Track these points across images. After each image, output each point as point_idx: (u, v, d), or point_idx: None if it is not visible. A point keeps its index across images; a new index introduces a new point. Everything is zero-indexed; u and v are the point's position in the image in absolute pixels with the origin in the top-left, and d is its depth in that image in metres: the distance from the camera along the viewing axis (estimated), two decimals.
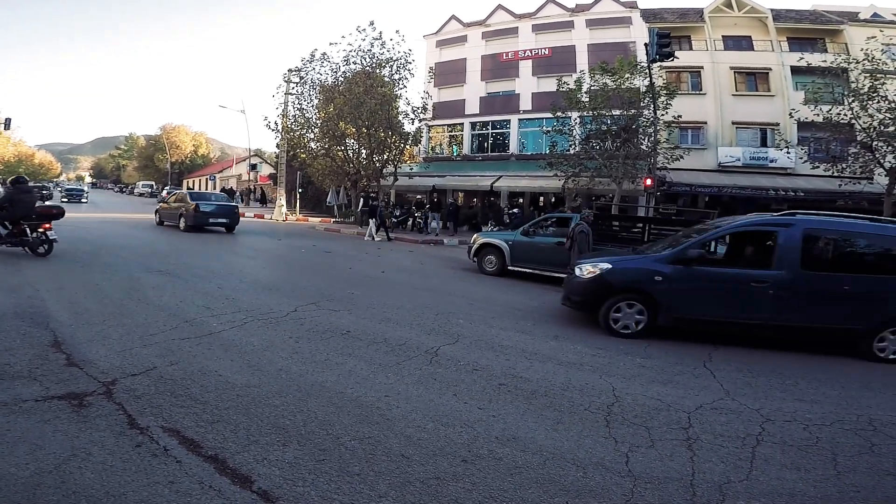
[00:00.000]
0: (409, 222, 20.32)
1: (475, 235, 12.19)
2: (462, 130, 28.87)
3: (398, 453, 2.92)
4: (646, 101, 17.99)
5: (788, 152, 18.41)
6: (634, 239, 10.07)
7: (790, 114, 18.73)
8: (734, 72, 22.71)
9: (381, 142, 22.63)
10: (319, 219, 24.90)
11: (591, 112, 18.82)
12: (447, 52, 29.80)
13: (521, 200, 26.00)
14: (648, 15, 24.63)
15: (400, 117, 23.26)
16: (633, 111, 18.33)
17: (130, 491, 2.36)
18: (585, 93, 19.00)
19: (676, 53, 16.35)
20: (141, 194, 53.33)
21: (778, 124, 21.38)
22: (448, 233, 20.15)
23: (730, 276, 6.34)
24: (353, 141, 23.45)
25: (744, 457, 3.22)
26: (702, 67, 22.95)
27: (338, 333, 5.34)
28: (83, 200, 33.54)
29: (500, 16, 28.77)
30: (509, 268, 10.78)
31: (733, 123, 22.35)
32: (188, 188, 54.50)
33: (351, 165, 23.40)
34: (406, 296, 7.87)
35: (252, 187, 40.15)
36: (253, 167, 40.70)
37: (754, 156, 21.67)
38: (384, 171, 23.41)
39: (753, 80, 22.87)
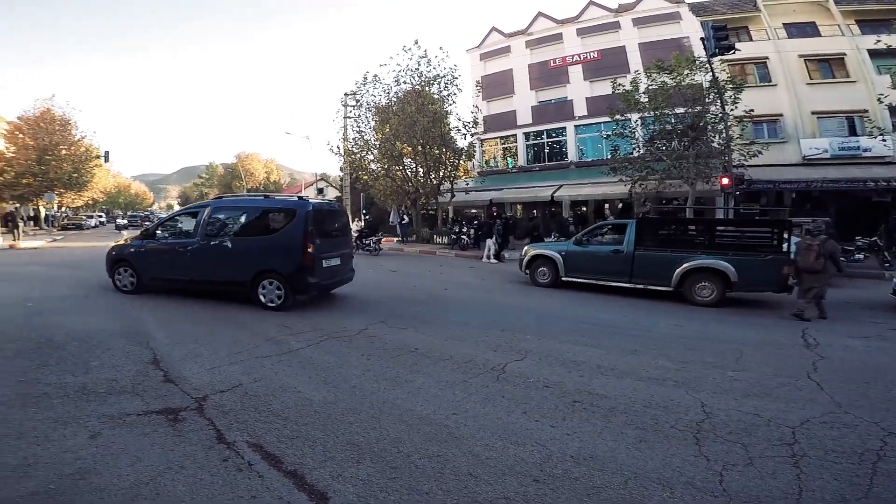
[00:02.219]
0: (464, 240, 20.23)
1: (526, 247, 11.89)
2: (516, 142, 28.62)
3: (466, 472, 2.90)
4: (711, 97, 17.00)
5: (884, 140, 16.58)
6: (699, 243, 9.48)
7: (878, 99, 16.85)
8: (804, 60, 21.04)
9: (436, 159, 22.97)
10: (383, 238, 25.58)
11: (652, 112, 18.00)
12: (492, 64, 29.80)
13: (584, 209, 25.27)
14: (697, 8, 23.56)
15: (452, 133, 23.51)
16: (698, 108, 17.33)
17: None
18: (643, 93, 18.22)
19: (737, 45, 15.40)
20: None
21: (866, 111, 19.29)
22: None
23: (173, 246, 8.33)
24: (409, 160, 23.97)
25: (862, 473, 2.90)
26: (767, 58, 21.48)
27: (406, 351, 5.43)
28: None
29: (542, 23, 28.47)
30: (563, 278, 10.50)
31: (813, 113, 20.55)
32: None
33: (409, 184, 23.91)
34: (470, 312, 7.87)
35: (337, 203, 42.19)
36: (320, 191, 42.77)
37: (843, 146, 19.67)
38: (441, 187, 23.71)
39: (828, 66, 21.03)
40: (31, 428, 3.26)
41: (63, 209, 43.86)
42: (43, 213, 36.54)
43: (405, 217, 24.46)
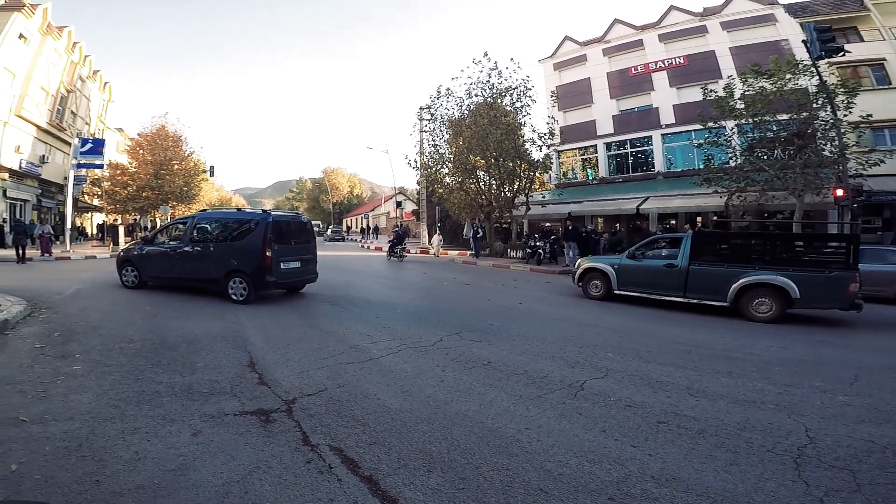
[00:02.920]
0: (540, 254, 19.81)
1: (579, 260, 11.86)
2: (596, 152, 27.77)
3: (536, 487, 2.84)
4: (820, 102, 15.42)
5: None
6: (757, 258, 9.12)
7: None
8: None
9: (510, 171, 22.81)
10: (457, 251, 25.85)
11: (750, 119, 16.59)
12: (567, 73, 29.33)
13: (672, 222, 23.85)
14: (795, 10, 21.66)
15: (526, 145, 23.23)
16: (804, 114, 15.68)
17: None
18: (739, 99, 16.89)
19: (846, 47, 14.35)
20: None
21: None
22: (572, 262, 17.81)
23: (166, 250, 10.14)
24: (483, 173, 24.02)
25: None
26: (884, 59, 19.36)
27: (479, 364, 5.44)
28: None
29: (620, 30, 27.64)
30: (615, 291, 10.56)
31: None
32: (347, 227, 61.56)
33: (483, 197, 23.94)
34: (546, 327, 7.70)
35: (400, 223, 43.59)
36: (398, 205, 44.17)
37: None
38: (515, 200, 23.49)
39: None
40: (143, 424, 3.59)
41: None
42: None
43: (479, 230, 24.56)
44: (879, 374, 5.23)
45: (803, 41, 14.82)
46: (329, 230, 52.38)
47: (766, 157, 16.67)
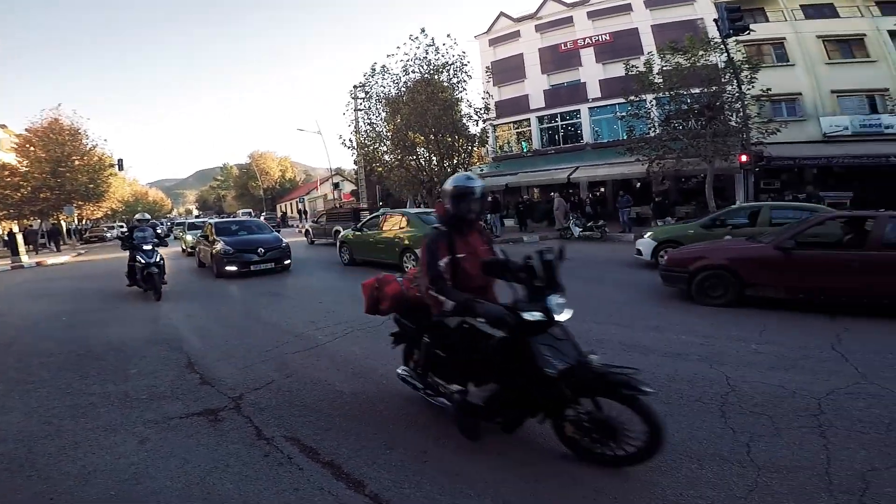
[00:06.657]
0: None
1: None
2: (529, 126, 28.48)
3: (496, 451, 2.98)
4: (727, 77, 17.00)
5: None
6: (343, 219, 19.81)
7: None
8: (823, 40, 21.01)
9: (448, 147, 22.85)
10: None
11: (667, 93, 17.88)
12: (501, 49, 29.69)
13: (602, 189, 25.14)
14: None
15: (464, 120, 23.36)
16: (714, 88, 17.26)
17: (264, 499, 2.60)
18: (657, 74, 18.14)
19: (752, 26, 15.91)
20: None
21: (887, 89, 19.43)
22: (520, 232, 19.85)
23: None
24: (423, 149, 23.87)
25: (891, 442, 2.89)
26: (784, 38, 21.41)
27: None
28: None
29: (552, 7, 28.28)
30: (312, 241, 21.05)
31: (833, 92, 20.52)
32: (282, 213, 59.17)
33: (424, 173, 23.84)
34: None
35: (339, 205, 42.37)
36: (336, 186, 42.89)
37: (865, 123, 19.59)
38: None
39: (847, 47, 20.96)
40: (84, 437, 3.41)
41: (84, 222, 43.77)
42: (64, 226, 36.01)
43: (421, 206, 24.51)
44: (783, 323, 5.78)
45: (714, 20, 16.11)
46: (262, 217, 50.07)
47: (681, 128, 18.06)
